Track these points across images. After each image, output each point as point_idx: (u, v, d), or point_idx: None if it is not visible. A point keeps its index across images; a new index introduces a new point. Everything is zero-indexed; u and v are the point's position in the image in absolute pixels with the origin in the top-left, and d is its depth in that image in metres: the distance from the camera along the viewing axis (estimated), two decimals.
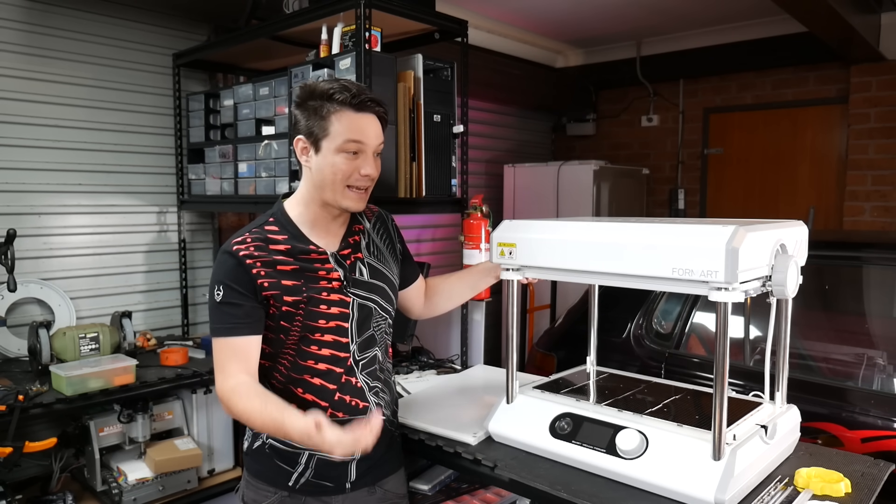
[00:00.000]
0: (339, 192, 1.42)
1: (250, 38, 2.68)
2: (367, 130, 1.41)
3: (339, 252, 1.50)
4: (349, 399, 1.48)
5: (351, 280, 1.49)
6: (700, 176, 5.27)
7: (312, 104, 1.40)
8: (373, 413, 1.37)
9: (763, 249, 1.29)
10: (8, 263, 2.30)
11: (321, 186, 1.44)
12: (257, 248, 1.42)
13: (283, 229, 1.47)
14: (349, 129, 1.39)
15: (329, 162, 1.41)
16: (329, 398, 1.46)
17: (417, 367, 2.45)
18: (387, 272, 1.58)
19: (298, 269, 1.44)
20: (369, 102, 1.41)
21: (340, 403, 1.47)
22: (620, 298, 2.50)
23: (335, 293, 1.46)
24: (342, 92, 1.38)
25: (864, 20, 3.81)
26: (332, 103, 1.38)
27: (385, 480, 1.56)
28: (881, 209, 4.32)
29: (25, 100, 2.72)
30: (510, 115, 5.46)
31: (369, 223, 1.60)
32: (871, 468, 1.45)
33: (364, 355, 1.51)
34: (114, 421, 2.42)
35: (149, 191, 3.13)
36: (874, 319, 2.47)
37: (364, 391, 1.50)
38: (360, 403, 1.49)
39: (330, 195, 1.43)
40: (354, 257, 1.52)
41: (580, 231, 1.45)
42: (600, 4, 4.19)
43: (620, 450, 1.37)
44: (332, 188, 1.42)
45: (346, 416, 1.46)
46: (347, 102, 1.38)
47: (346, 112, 1.39)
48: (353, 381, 1.48)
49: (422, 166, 2.34)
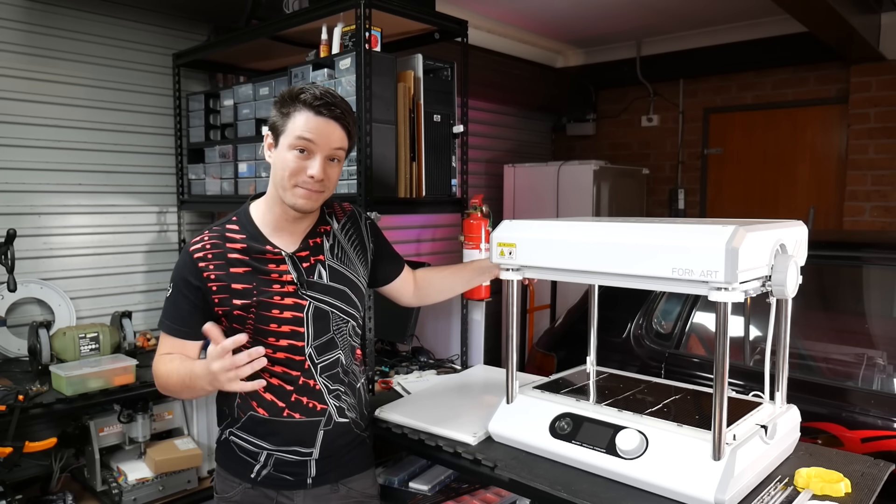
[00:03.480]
0: (289, 190, 1.43)
1: (250, 38, 2.68)
2: (321, 132, 1.41)
3: (297, 253, 1.50)
4: (306, 401, 1.48)
5: (306, 282, 1.48)
6: (700, 176, 5.27)
7: (282, 104, 1.44)
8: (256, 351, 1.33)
9: (763, 249, 1.29)
10: (8, 263, 2.30)
11: (275, 182, 1.46)
12: (213, 246, 1.47)
13: (242, 229, 1.50)
14: (302, 127, 1.40)
15: (281, 157, 1.43)
16: (286, 399, 1.47)
17: (417, 367, 2.45)
18: (351, 275, 1.56)
19: (251, 270, 1.46)
20: (330, 107, 1.41)
21: (297, 405, 1.48)
22: (620, 298, 2.50)
23: (289, 296, 1.47)
24: (307, 93, 1.41)
25: (864, 20, 3.81)
26: (295, 102, 1.41)
27: (350, 479, 1.56)
28: (881, 209, 4.32)
29: (25, 100, 2.72)
30: (510, 115, 5.46)
31: (338, 224, 1.59)
32: (871, 468, 1.45)
33: (323, 358, 1.51)
34: (114, 421, 2.42)
35: (149, 191, 3.13)
36: (874, 319, 2.47)
37: (323, 394, 1.50)
38: (317, 406, 1.49)
39: (281, 192, 1.45)
40: (314, 259, 1.51)
41: (580, 231, 1.45)
42: (600, 4, 4.19)
43: (620, 450, 1.37)
44: (281, 184, 1.44)
45: (303, 417, 1.48)
46: (308, 103, 1.40)
47: (305, 112, 1.41)
48: (311, 384, 1.49)
49: (422, 166, 2.34)
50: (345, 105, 1.46)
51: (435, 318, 2.74)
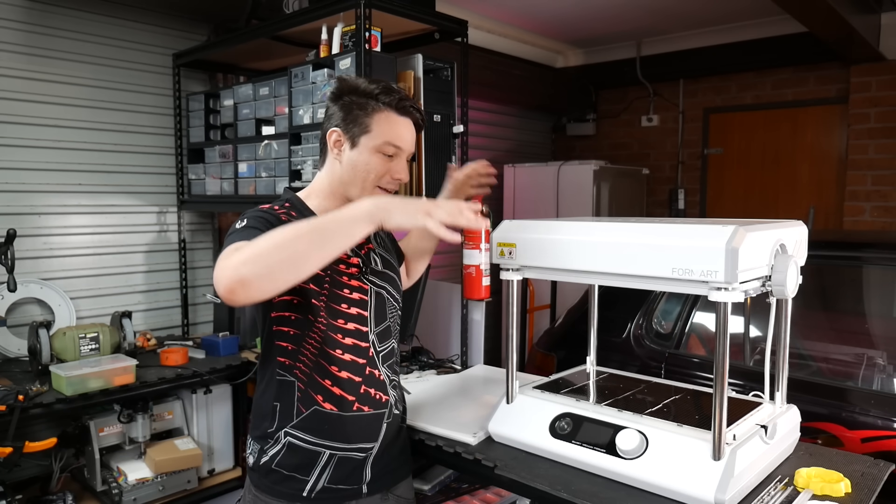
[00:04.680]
0: (368, 191, 1.39)
1: (250, 38, 2.68)
2: (406, 135, 1.41)
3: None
4: (374, 392, 1.43)
5: (368, 268, 1.47)
6: (700, 176, 5.27)
7: (355, 99, 1.39)
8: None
9: (763, 249, 1.29)
10: (8, 263, 2.30)
11: (349, 182, 1.41)
12: (287, 215, 1.38)
13: (300, 215, 1.40)
14: (390, 132, 1.38)
15: (364, 159, 1.39)
16: (355, 391, 1.40)
17: (417, 367, 2.44)
18: (393, 262, 1.59)
19: None
20: (412, 108, 1.42)
21: (366, 397, 1.41)
22: (620, 298, 2.50)
23: (354, 279, 1.43)
24: (388, 94, 1.38)
25: (864, 20, 3.81)
26: (377, 102, 1.38)
27: (397, 486, 1.51)
28: (881, 209, 4.32)
29: (25, 100, 2.72)
30: (510, 115, 5.46)
31: None
32: (871, 468, 1.45)
33: (383, 346, 1.48)
34: (114, 421, 2.42)
35: (149, 191, 3.13)
36: (874, 319, 2.47)
37: (386, 384, 1.46)
38: (382, 397, 1.44)
39: (357, 192, 1.40)
40: (367, 248, 1.50)
41: (580, 231, 1.45)
42: (600, 4, 4.19)
43: (620, 450, 1.37)
44: (361, 185, 1.40)
45: (371, 409, 1.42)
46: (393, 105, 1.38)
47: (390, 113, 1.38)
48: (377, 374, 1.44)
49: (422, 166, 2.34)
50: (417, 103, 1.45)
51: (435, 318, 2.74)
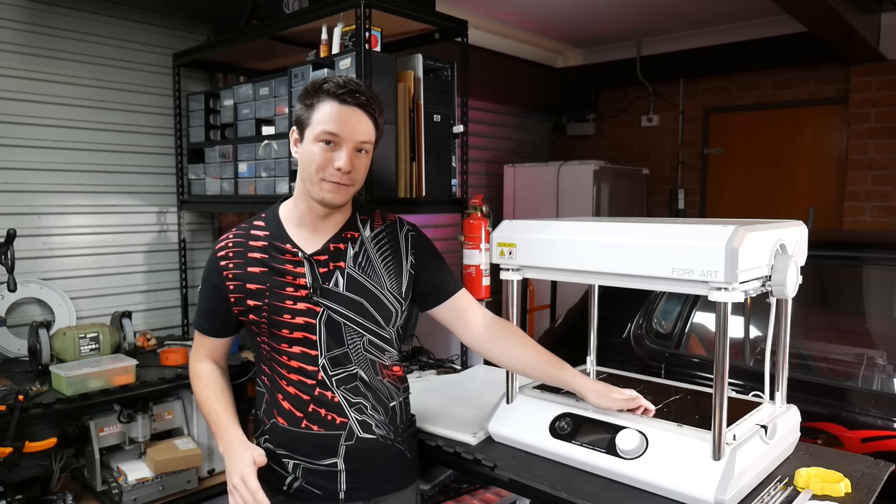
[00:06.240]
0: (316, 183, 1.38)
1: (250, 38, 2.68)
2: (347, 122, 1.36)
3: (315, 256, 1.43)
4: (324, 413, 1.42)
5: (320, 289, 1.41)
6: (700, 176, 5.27)
7: (307, 97, 1.40)
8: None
9: (763, 249, 1.29)
10: (8, 263, 2.30)
11: (303, 177, 1.42)
12: (236, 244, 1.47)
13: (268, 226, 1.47)
14: (327, 119, 1.35)
15: (307, 151, 1.39)
16: (303, 409, 1.42)
17: (417, 367, 2.44)
18: (373, 287, 1.45)
19: (268, 271, 1.42)
20: (355, 95, 1.36)
21: (314, 416, 1.42)
22: (620, 298, 2.50)
23: (302, 301, 1.41)
24: (330, 82, 1.37)
25: (864, 20, 3.81)
26: (319, 93, 1.37)
27: (384, 498, 1.49)
28: (881, 209, 4.32)
29: (26, 100, 2.72)
30: (510, 115, 5.46)
31: (370, 232, 1.50)
32: (871, 468, 1.45)
33: (338, 372, 1.43)
34: (114, 421, 2.42)
35: (149, 191, 3.12)
36: (874, 319, 2.47)
37: (343, 407, 1.42)
38: (336, 418, 1.42)
39: (308, 186, 1.40)
40: (333, 265, 1.43)
41: (580, 231, 1.45)
42: (600, 4, 4.19)
43: (620, 450, 1.37)
44: (308, 178, 1.39)
45: (321, 429, 1.42)
46: (332, 93, 1.35)
47: (330, 102, 1.36)
48: (329, 395, 1.42)
49: (422, 166, 2.34)
50: (370, 93, 1.40)
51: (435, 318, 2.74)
